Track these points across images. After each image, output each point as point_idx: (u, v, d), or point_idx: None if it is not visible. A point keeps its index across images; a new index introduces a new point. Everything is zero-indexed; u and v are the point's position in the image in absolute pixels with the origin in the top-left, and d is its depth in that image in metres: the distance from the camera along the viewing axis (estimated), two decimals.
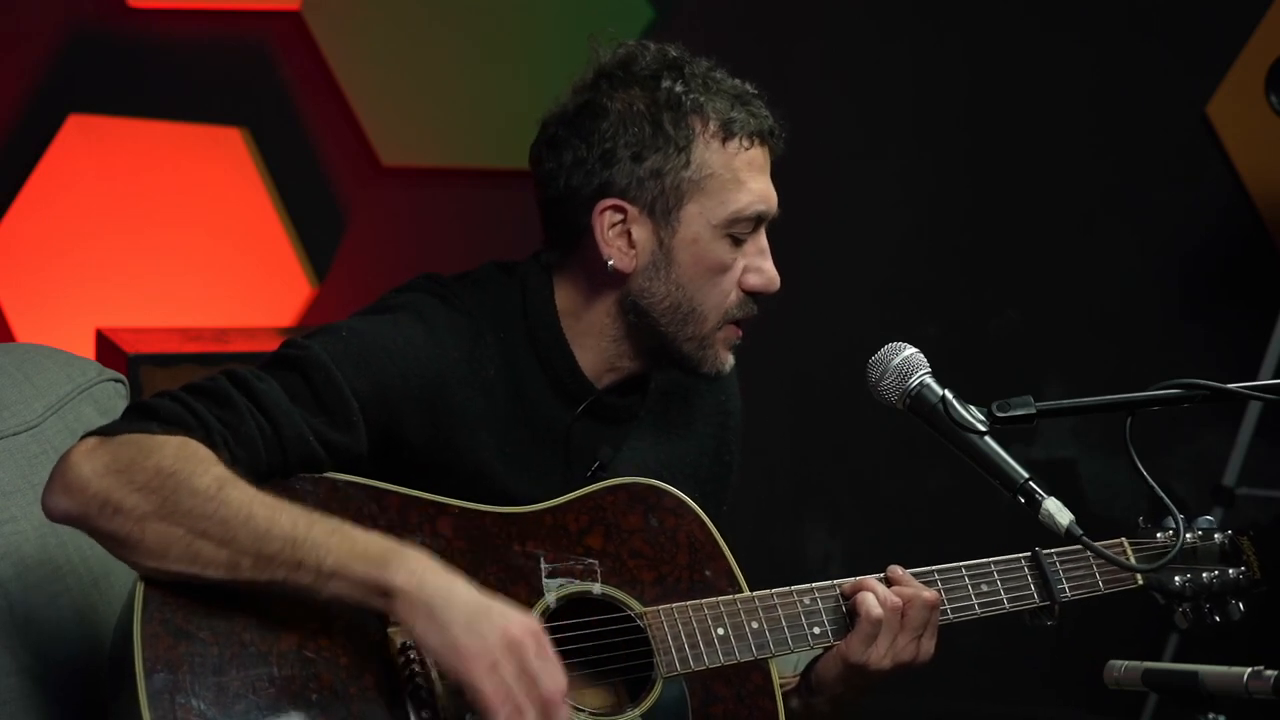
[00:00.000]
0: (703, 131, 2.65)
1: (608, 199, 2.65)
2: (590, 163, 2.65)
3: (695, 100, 2.65)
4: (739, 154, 2.66)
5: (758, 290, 2.69)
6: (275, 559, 2.37)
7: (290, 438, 2.48)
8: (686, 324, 2.67)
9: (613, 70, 2.69)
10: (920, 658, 2.66)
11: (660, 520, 2.65)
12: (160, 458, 2.39)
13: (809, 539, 5.56)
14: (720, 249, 2.66)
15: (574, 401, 2.68)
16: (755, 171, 2.67)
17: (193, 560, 2.38)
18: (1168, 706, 5.12)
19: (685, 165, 2.64)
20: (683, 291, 2.66)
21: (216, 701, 2.35)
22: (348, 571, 2.37)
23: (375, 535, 2.41)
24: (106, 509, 2.38)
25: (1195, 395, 2.62)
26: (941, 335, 5.43)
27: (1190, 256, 5.73)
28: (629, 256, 2.65)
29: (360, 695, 2.41)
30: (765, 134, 2.68)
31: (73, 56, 4.94)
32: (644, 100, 2.65)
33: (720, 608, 2.61)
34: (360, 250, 5.21)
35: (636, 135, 2.64)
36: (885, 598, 2.64)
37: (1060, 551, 2.77)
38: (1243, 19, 5.62)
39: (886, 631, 2.63)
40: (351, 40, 5.18)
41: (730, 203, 2.65)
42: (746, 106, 2.67)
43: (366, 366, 2.55)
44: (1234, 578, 2.87)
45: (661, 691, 2.55)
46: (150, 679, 2.34)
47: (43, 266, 4.93)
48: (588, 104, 2.67)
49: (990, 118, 5.66)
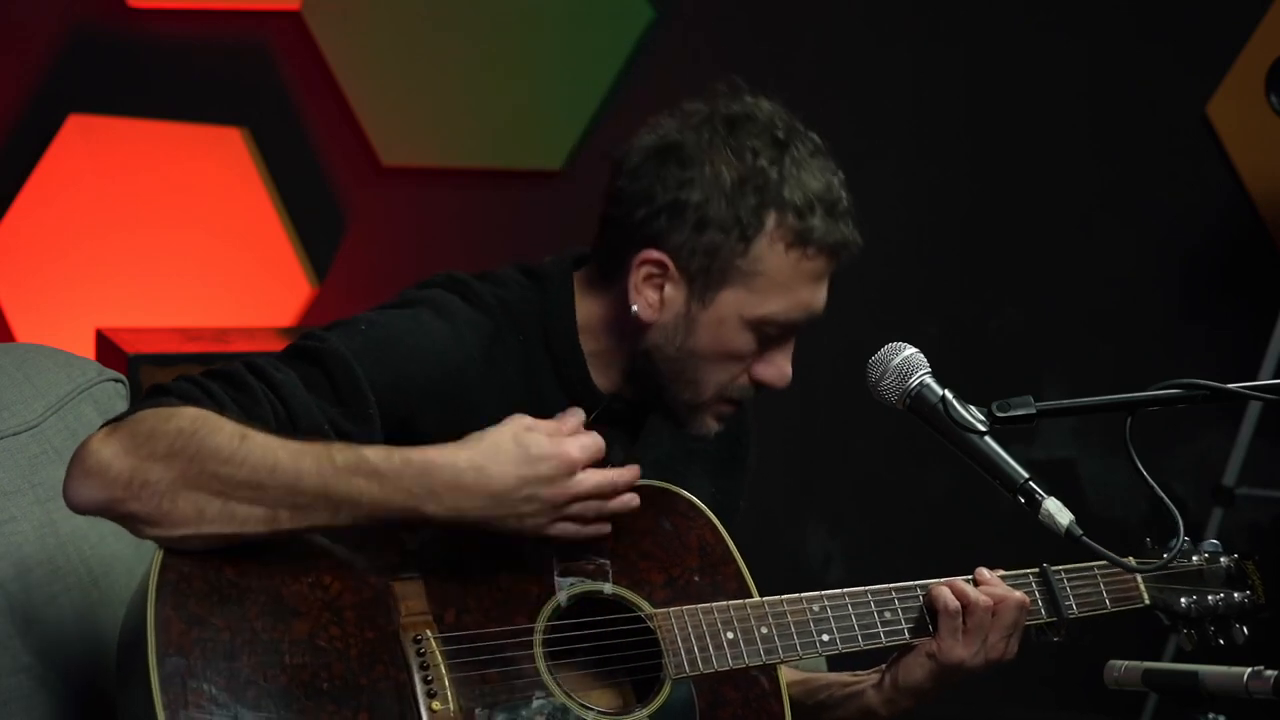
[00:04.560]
0: (775, 228, 2.58)
1: (654, 250, 2.60)
2: (657, 206, 2.59)
3: (780, 194, 2.58)
4: (802, 262, 2.60)
5: (767, 383, 2.65)
6: (311, 508, 2.39)
7: (305, 426, 2.47)
8: (684, 389, 2.65)
9: (717, 123, 2.61)
10: (1008, 656, 2.71)
11: (672, 523, 2.65)
12: (179, 421, 2.38)
13: (809, 539, 5.56)
14: (742, 339, 2.62)
15: (586, 408, 2.67)
16: (808, 282, 2.61)
17: (230, 520, 2.38)
18: (1168, 706, 5.13)
19: (743, 254, 2.58)
20: (691, 361, 2.63)
21: (228, 687, 2.35)
22: (385, 511, 2.41)
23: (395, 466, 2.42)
24: (133, 485, 2.36)
25: (1195, 395, 2.61)
26: (941, 335, 5.43)
27: (1190, 256, 5.73)
28: (654, 310, 2.61)
29: (371, 685, 2.41)
30: (837, 249, 2.62)
31: (73, 56, 4.94)
32: (733, 171, 2.58)
33: (730, 611, 2.61)
34: (360, 250, 5.21)
35: (710, 204, 2.58)
36: (977, 599, 2.67)
37: (1068, 569, 2.79)
38: (1243, 19, 5.62)
39: (978, 631, 2.67)
40: (351, 40, 5.18)
41: (769, 304, 2.60)
42: (831, 215, 2.60)
43: (384, 360, 2.54)
44: (1239, 601, 2.88)
45: (670, 693, 2.55)
46: (162, 663, 2.33)
47: (43, 266, 4.93)
48: (680, 147, 2.60)
49: (990, 117, 5.66)
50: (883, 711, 2.73)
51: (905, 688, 2.71)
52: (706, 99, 2.65)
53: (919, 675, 2.70)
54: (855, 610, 2.67)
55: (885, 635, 2.69)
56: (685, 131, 2.61)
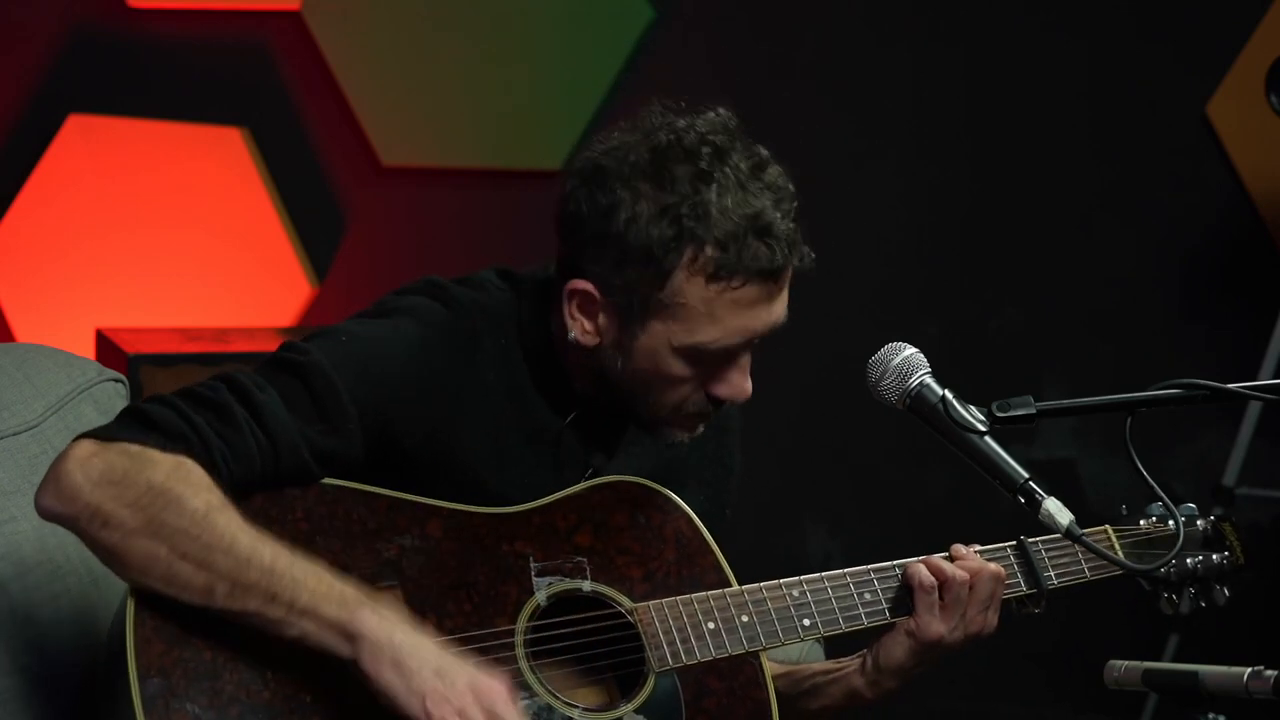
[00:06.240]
0: (690, 262, 2.52)
1: (582, 280, 2.57)
2: (586, 231, 2.57)
3: (698, 226, 2.52)
4: (725, 293, 2.53)
5: (723, 399, 2.62)
6: (251, 589, 2.38)
7: (286, 452, 2.49)
8: (640, 405, 2.63)
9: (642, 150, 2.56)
10: (986, 629, 2.70)
11: (647, 517, 2.65)
12: (153, 474, 2.40)
13: (809, 539, 5.57)
14: (678, 367, 2.58)
15: (564, 411, 2.68)
16: (740, 309, 2.55)
17: (171, 581, 2.39)
18: (1168, 706, 5.13)
19: (660, 288, 2.53)
20: (640, 383, 2.61)
21: (211, 706, 2.36)
22: (319, 611, 2.39)
23: (353, 584, 2.42)
24: (96, 520, 2.40)
25: (1195, 395, 2.62)
26: (941, 335, 5.43)
27: (1190, 256, 5.73)
28: (591, 336, 2.59)
29: (355, 701, 2.41)
30: (769, 273, 2.55)
31: (73, 56, 4.94)
32: (652, 203, 2.53)
33: (710, 602, 2.62)
34: (360, 250, 5.21)
35: (627, 235, 2.53)
36: (953, 573, 2.67)
37: (1046, 540, 2.79)
38: (1243, 19, 5.62)
39: (956, 605, 2.67)
40: (351, 40, 5.18)
41: (697, 335, 2.55)
42: (761, 240, 2.53)
43: (365, 372, 2.55)
44: (1218, 563, 2.91)
45: (654, 686, 2.56)
46: (144, 685, 2.35)
47: (43, 266, 4.93)
48: (604, 173, 2.57)
49: (990, 117, 5.65)
50: (868, 694, 2.74)
51: (887, 668, 2.71)
52: (641, 119, 2.61)
53: (900, 654, 2.70)
54: (835, 593, 2.69)
55: (866, 616, 2.70)
56: (612, 156, 2.58)
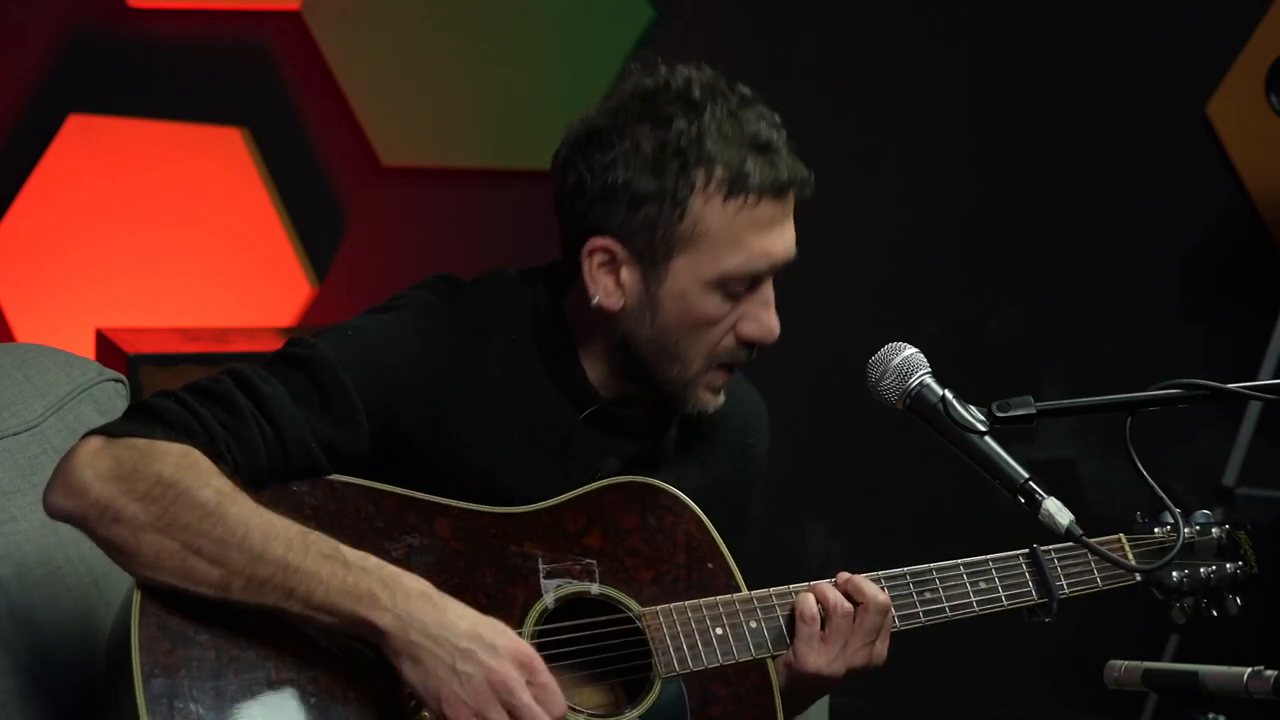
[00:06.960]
0: (704, 186, 2.54)
1: (599, 237, 2.58)
2: (590, 194, 2.58)
3: (703, 151, 2.54)
4: (742, 211, 2.55)
5: (753, 340, 2.62)
6: (267, 584, 2.37)
7: (292, 443, 2.48)
8: (670, 366, 2.62)
9: (631, 100, 2.59)
10: (873, 663, 2.63)
11: (658, 519, 2.64)
12: (162, 465, 2.39)
13: (809, 539, 5.57)
14: (709, 303, 2.58)
15: (579, 407, 2.67)
16: (760, 229, 2.57)
17: (185, 576, 2.38)
18: (1168, 706, 5.13)
19: (679, 219, 2.55)
20: (667, 338, 2.60)
21: (215, 705, 2.35)
22: (336, 608, 2.38)
23: (370, 565, 2.40)
24: (106, 516, 2.39)
25: (1195, 395, 2.61)
26: (941, 335, 5.43)
27: (1190, 256, 5.73)
28: (615, 296, 2.59)
29: (358, 699, 2.40)
30: (780, 188, 2.57)
31: (73, 56, 4.94)
32: (652, 141, 2.56)
33: (719, 607, 2.60)
34: (360, 250, 5.21)
35: (636, 180, 2.55)
36: (837, 602, 2.61)
37: (1059, 549, 2.76)
38: (1243, 19, 5.62)
39: (837, 636, 2.60)
40: (351, 40, 5.18)
41: (723, 262, 2.56)
42: (764, 156, 2.56)
43: (372, 366, 2.54)
44: (1231, 572, 2.87)
45: (660, 692, 2.55)
46: (148, 684, 2.34)
47: (43, 266, 4.93)
48: (600, 131, 2.58)
49: (990, 117, 5.65)
50: None
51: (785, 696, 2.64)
52: (621, 84, 2.63)
53: (783, 685, 2.63)
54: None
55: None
56: (602, 115, 2.60)
